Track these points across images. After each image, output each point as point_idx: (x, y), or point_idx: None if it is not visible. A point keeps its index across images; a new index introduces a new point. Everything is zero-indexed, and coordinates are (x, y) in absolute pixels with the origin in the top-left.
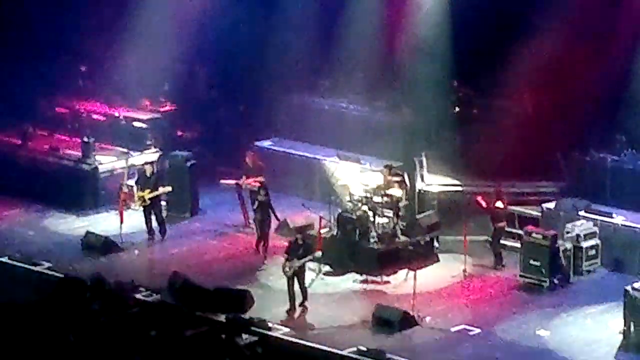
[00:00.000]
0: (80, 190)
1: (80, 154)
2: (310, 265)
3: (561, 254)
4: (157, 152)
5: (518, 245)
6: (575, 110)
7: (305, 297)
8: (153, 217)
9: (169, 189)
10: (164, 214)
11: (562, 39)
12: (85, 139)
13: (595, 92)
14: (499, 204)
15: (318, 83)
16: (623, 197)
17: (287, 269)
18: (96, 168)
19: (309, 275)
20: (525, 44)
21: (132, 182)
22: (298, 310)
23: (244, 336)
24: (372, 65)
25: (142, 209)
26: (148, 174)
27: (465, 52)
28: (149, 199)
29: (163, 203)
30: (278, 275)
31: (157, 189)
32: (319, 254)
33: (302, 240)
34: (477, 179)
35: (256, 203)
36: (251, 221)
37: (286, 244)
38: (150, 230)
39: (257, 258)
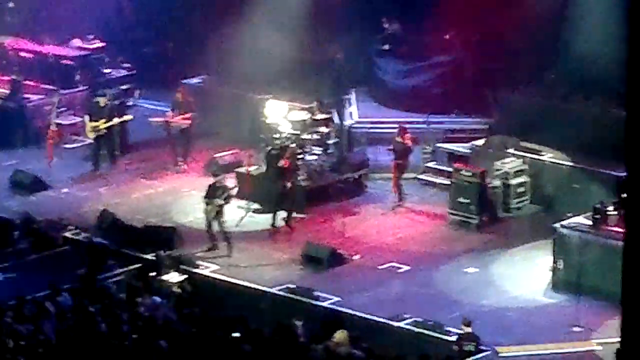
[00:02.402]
0: (8, 128)
1: (8, 91)
2: (239, 203)
3: (490, 191)
4: (85, 89)
5: (447, 182)
6: (505, 46)
7: (228, 238)
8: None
9: (130, 117)
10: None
11: None
12: (14, 77)
13: (525, 28)
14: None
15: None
16: (552, 134)
17: (209, 209)
18: (24, 106)
19: (238, 213)
20: None
21: (60, 119)
22: (226, 248)
23: (173, 274)
24: (301, 4)
25: (94, 140)
26: (102, 104)
27: None
28: (105, 128)
29: None
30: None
31: (111, 119)
32: (239, 192)
33: (219, 182)
34: (406, 116)
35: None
36: (179, 159)
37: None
38: (96, 162)
39: (186, 196)
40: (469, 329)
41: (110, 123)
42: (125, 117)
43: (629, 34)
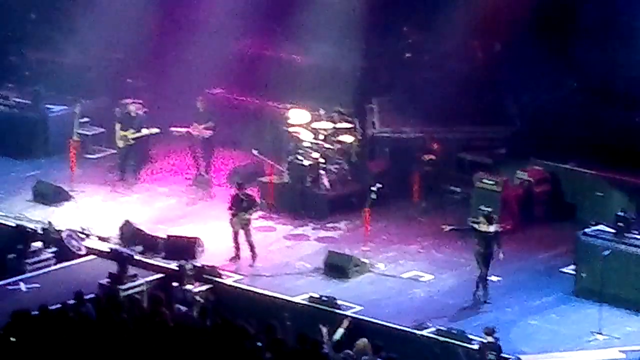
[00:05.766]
0: (30, 138)
1: (30, 101)
2: None
3: (512, 199)
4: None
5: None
6: (526, 54)
7: (253, 249)
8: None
9: (156, 130)
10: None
11: None
12: (36, 87)
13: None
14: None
15: (270, 31)
16: (574, 142)
17: (234, 222)
18: (46, 116)
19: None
20: None
21: (82, 130)
22: (249, 259)
23: (196, 284)
24: (322, 11)
25: (121, 149)
26: (132, 114)
27: None
28: (133, 139)
29: None
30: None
31: (140, 130)
32: (263, 203)
33: (243, 194)
34: (428, 124)
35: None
36: (202, 171)
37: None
38: (122, 171)
39: (208, 205)
40: (491, 338)
41: (139, 134)
42: (153, 130)
43: None
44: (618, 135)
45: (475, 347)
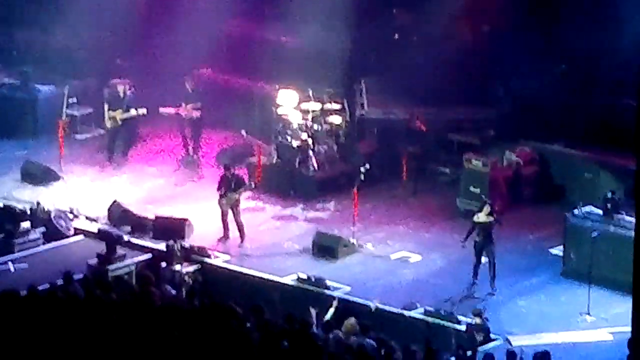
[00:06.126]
0: (19, 118)
1: (18, 82)
2: None
3: (500, 180)
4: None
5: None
6: (515, 37)
7: (242, 229)
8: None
9: (144, 111)
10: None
11: None
12: (24, 68)
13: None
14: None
15: (259, 12)
16: (563, 124)
17: (223, 202)
18: (35, 96)
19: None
20: None
21: (71, 110)
22: (237, 239)
23: (184, 264)
24: None
25: (110, 129)
26: (121, 95)
27: None
28: (121, 119)
29: None
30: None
31: (129, 111)
32: (252, 184)
33: (231, 174)
34: (417, 106)
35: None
36: (190, 151)
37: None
38: (110, 151)
39: (196, 186)
40: (479, 319)
41: (128, 115)
42: (141, 111)
43: None
44: (607, 117)
45: (463, 328)
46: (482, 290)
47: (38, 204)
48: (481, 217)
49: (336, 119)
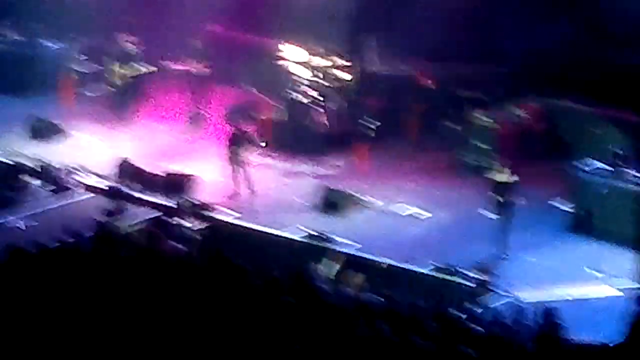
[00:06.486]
0: (27, 75)
1: (26, 39)
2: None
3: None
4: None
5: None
6: None
7: (251, 186)
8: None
9: (154, 69)
10: None
11: None
12: (33, 25)
13: None
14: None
15: None
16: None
17: (233, 159)
18: (43, 53)
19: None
20: None
21: (79, 67)
22: (245, 195)
23: (194, 221)
24: None
25: (119, 86)
26: (130, 52)
27: None
28: (130, 76)
29: None
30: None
31: (138, 68)
32: (263, 141)
33: (240, 131)
34: (425, 62)
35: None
36: (200, 108)
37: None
38: (120, 108)
39: (205, 143)
40: (485, 276)
41: (137, 72)
42: (151, 68)
43: None
44: (615, 72)
45: (471, 284)
46: (489, 246)
47: (48, 161)
48: (502, 177)
49: (345, 76)
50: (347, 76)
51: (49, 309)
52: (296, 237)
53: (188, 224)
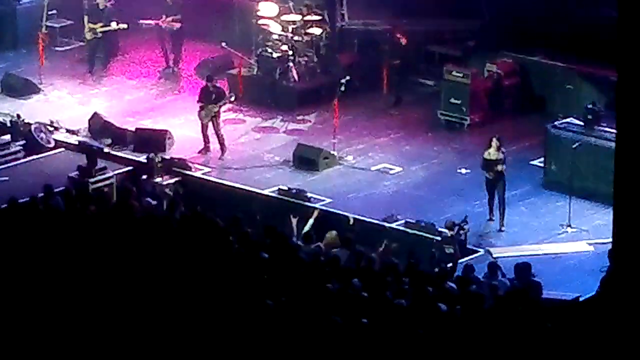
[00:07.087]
0: None
1: None
2: None
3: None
4: None
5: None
6: None
7: (222, 142)
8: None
9: (124, 26)
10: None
11: None
12: None
13: None
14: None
15: None
16: (544, 35)
17: (203, 114)
18: (14, 8)
19: None
20: None
21: (51, 22)
22: (218, 151)
23: (165, 177)
24: None
25: (90, 41)
26: (101, 7)
27: None
28: (101, 32)
29: None
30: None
31: (109, 24)
32: (232, 96)
33: (211, 86)
34: (397, 17)
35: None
36: (171, 63)
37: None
38: (91, 63)
39: (177, 98)
40: (451, 232)
41: (108, 28)
42: (122, 25)
43: None
44: (588, 27)
45: (442, 239)
46: (463, 201)
47: (18, 116)
48: (492, 153)
49: (316, 30)
50: (318, 31)
51: (19, 264)
52: (267, 192)
53: (158, 180)
